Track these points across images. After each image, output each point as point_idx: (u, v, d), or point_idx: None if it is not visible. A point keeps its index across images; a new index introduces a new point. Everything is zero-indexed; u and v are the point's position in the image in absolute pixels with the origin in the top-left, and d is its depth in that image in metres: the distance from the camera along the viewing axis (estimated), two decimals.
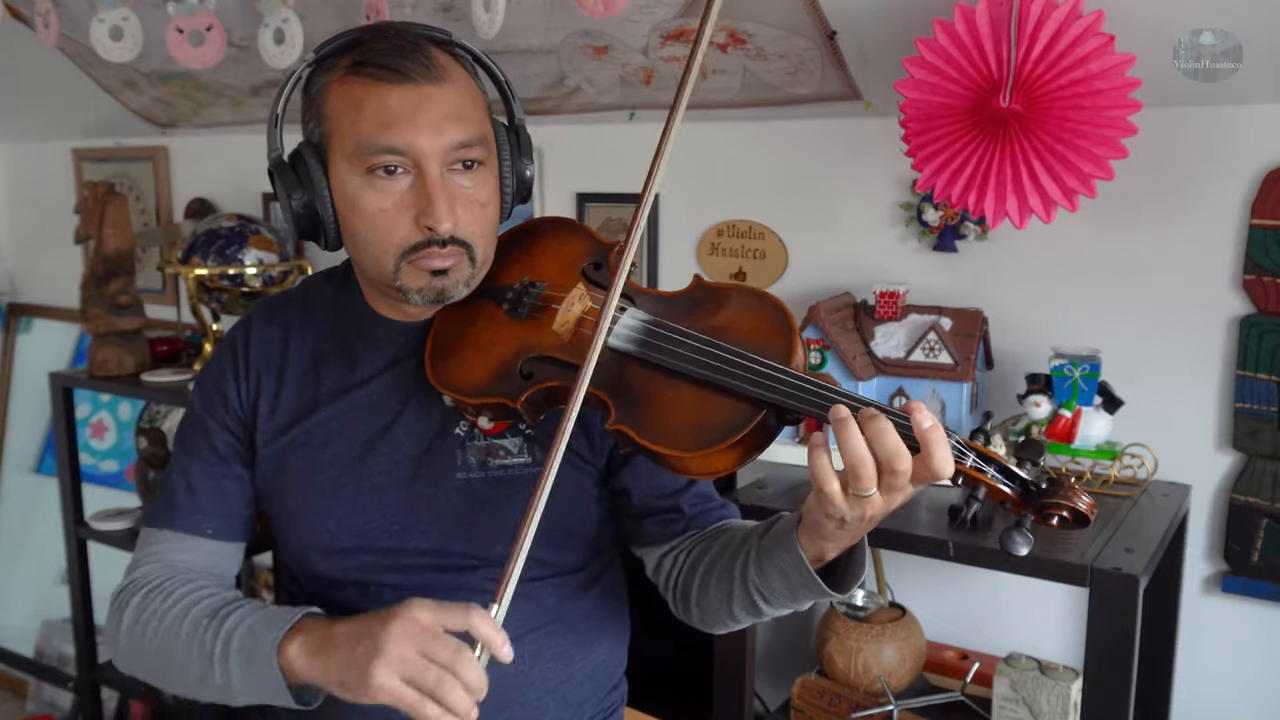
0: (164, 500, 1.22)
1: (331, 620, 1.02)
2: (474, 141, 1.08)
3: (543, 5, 1.83)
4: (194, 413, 1.23)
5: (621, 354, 1.02)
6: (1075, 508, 0.87)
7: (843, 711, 1.71)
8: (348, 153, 1.07)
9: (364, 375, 1.18)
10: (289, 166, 1.11)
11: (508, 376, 1.07)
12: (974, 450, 0.89)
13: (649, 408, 0.99)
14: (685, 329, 1.01)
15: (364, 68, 1.06)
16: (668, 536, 1.19)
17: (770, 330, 1.00)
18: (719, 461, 0.96)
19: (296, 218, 1.11)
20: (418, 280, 1.09)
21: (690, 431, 0.96)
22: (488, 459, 1.15)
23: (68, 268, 3.08)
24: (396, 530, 1.15)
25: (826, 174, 1.95)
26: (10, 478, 3.42)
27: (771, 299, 1.03)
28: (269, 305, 1.26)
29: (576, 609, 1.21)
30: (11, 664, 3.31)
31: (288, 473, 1.18)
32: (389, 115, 1.04)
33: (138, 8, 2.04)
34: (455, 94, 1.08)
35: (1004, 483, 0.89)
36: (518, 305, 1.11)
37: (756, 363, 0.95)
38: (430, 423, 1.16)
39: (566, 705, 1.21)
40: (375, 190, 1.06)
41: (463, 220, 1.08)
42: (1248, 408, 1.63)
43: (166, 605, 1.11)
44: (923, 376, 1.69)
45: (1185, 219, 1.65)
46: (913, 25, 1.57)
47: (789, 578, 1.01)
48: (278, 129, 1.12)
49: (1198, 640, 1.71)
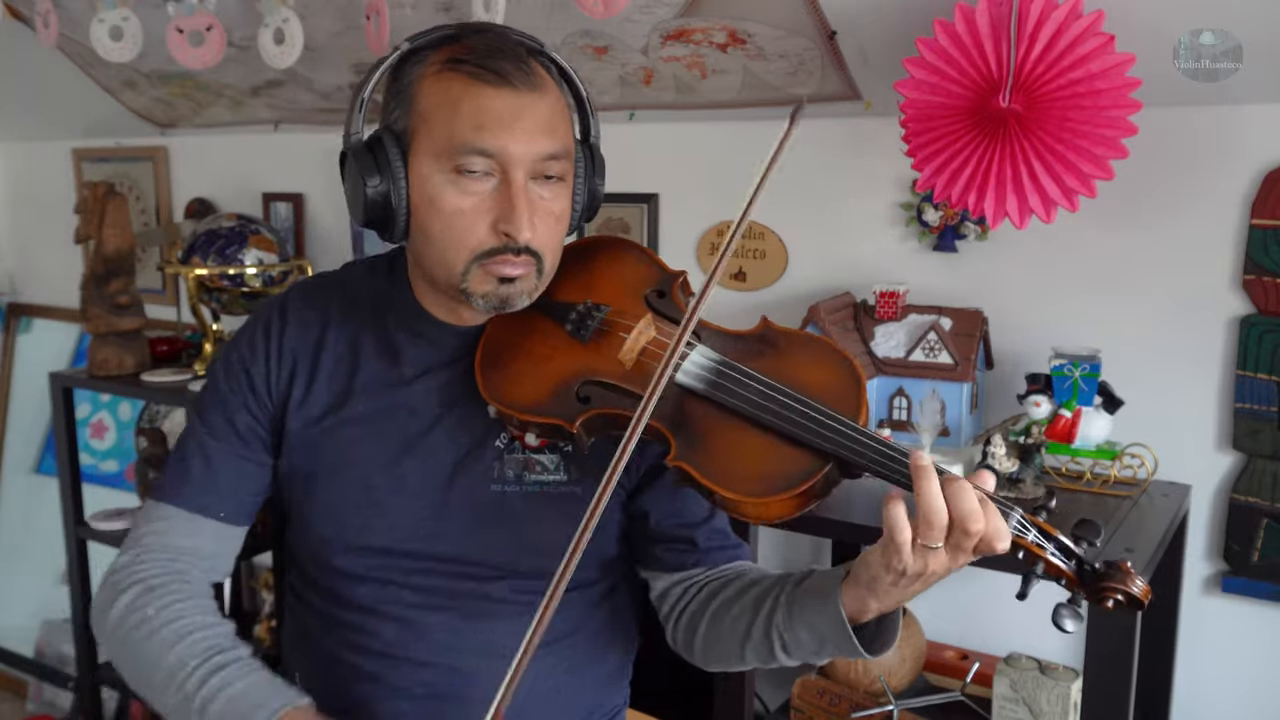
0: (178, 473, 1.18)
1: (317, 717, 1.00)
2: (560, 154, 1.07)
3: (543, 5, 1.83)
4: (218, 388, 1.20)
5: (686, 389, 1.01)
6: (1130, 592, 0.88)
7: (843, 711, 1.71)
8: (436, 148, 1.05)
9: (407, 375, 1.16)
10: (368, 151, 1.08)
11: (563, 398, 1.05)
12: (1035, 526, 0.91)
13: (709, 447, 0.98)
14: (755, 373, 1.00)
15: (465, 65, 1.05)
16: (678, 566, 1.18)
17: (840, 383, 1.00)
18: (777, 509, 0.96)
19: (369, 205, 1.08)
20: (485, 285, 1.08)
21: (752, 477, 0.96)
22: (524, 473, 1.14)
23: (68, 268, 3.08)
24: (424, 535, 1.14)
25: (826, 174, 1.94)
26: (10, 478, 3.42)
27: (843, 353, 1.03)
28: (306, 288, 1.23)
29: (591, 622, 1.21)
30: (11, 664, 3.31)
31: (318, 463, 1.16)
32: (486, 117, 1.03)
33: (138, 8, 2.04)
34: (549, 105, 1.07)
35: (1061, 560, 0.91)
36: (581, 327, 1.10)
37: (827, 414, 0.95)
38: (471, 431, 1.14)
39: (571, 712, 1.21)
40: (458, 189, 1.05)
41: (539, 231, 1.07)
42: (1248, 408, 1.63)
43: (157, 623, 1.08)
44: (923, 376, 1.69)
45: (1185, 219, 1.65)
46: (913, 25, 1.57)
47: (818, 631, 1.00)
48: (360, 113, 1.10)
49: (1198, 640, 1.71)
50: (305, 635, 1.23)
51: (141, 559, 1.15)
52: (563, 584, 0.90)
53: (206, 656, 1.05)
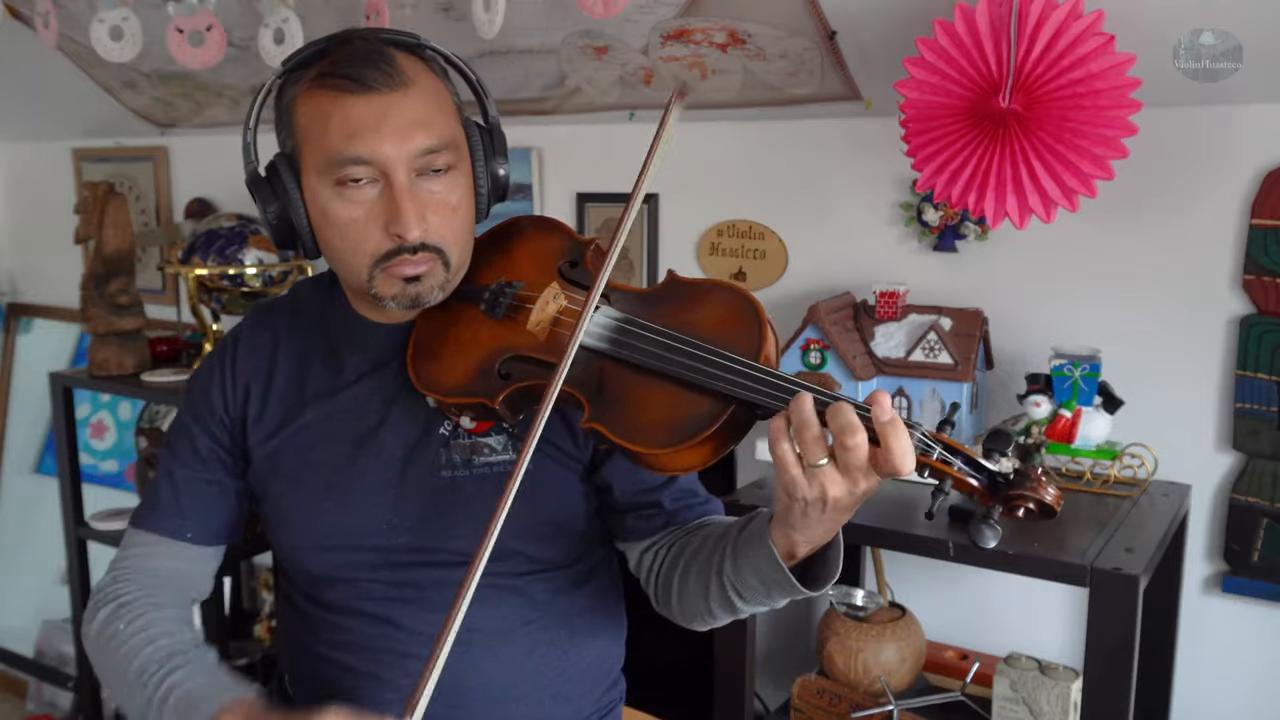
0: (149, 500, 1.24)
1: (263, 711, 1.02)
2: (441, 147, 1.09)
3: (543, 5, 1.83)
4: (182, 417, 1.26)
5: (595, 352, 1.03)
6: (1041, 499, 0.87)
7: (843, 711, 1.71)
8: (317, 165, 1.08)
9: (349, 378, 1.20)
10: (264, 180, 1.13)
11: (487, 376, 1.07)
12: (940, 443, 0.89)
13: (622, 405, 0.99)
14: (654, 325, 1.01)
15: (328, 79, 1.07)
16: (649, 531, 1.20)
17: (739, 324, 1.00)
18: (691, 457, 0.96)
19: (274, 229, 1.14)
20: (391, 287, 1.10)
21: (661, 428, 0.96)
22: (472, 457, 1.16)
23: (68, 268, 3.08)
24: (385, 529, 1.16)
25: (826, 174, 1.94)
26: (10, 478, 3.42)
27: (741, 291, 1.03)
28: (259, 312, 1.29)
29: (569, 605, 1.22)
30: (11, 664, 3.31)
31: (278, 474, 1.20)
32: (353, 126, 1.05)
33: (138, 8, 2.04)
34: (420, 100, 1.08)
35: (970, 474, 0.89)
36: (494, 306, 1.12)
37: (723, 357, 0.95)
38: (415, 423, 1.17)
39: (563, 702, 1.21)
40: (345, 200, 1.08)
41: (433, 226, 1.09)
42: (1248, 408, 1.63)
43: (126, 635, 1.12)
44: (923, 376, 1.69)
45: (1185, 219, 1.65)
46: (913, 25, 1.57)
47: (762, 573, 1.01)
48: (253, 143, 1.15)
49: (1198, 640, 1.71)
50: (294, 636, 1.27)
51: (119, 580, 1.20)
52: (485, 550, 0.92)
53: (166, 658, 1.09)
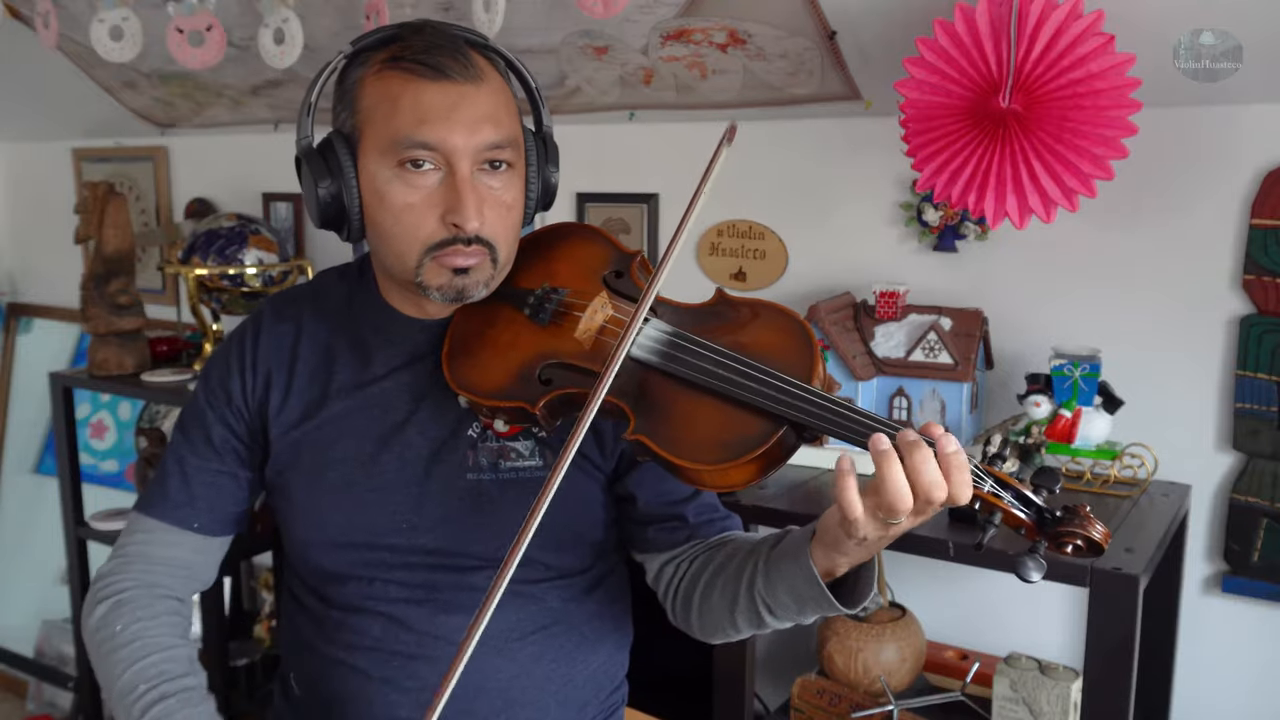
0: (157, 486, 1.23)
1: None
2: (505, 144, 1.08)
3: (543, 5, 1.83)
4: (197, 403, 1.24)
5: (642, 364, 1.02)
6: (1090, 536, 0.87)
7: (843, 711, 1.71)
8: (380, 145, 1.07)
9: (378, 372, 1.18)
10: (318, 154, 1.10)
11: (527, 381, 1.06)
12: (992, 476, 0.90)
13: (668, 419, 0.99)
14: (708, 342, 1.01)
15: (402, 62, 1.06)
16: (671, 544, 1.19)
17: (792, 347, 1.00)
18: (736, 476, 0.96)
19: (322, 206, 1.10)
20: (439, 277, 1.09)
21: (709, 445, 0.96)
22: (499, 461, 1.15)
23: (68, 268, 3.08)
24: (405, 528, 1.15)
25: (826, 174, 1.94)
26: (10, 478, 3.42)
27: (794, 316, 1.03)
28: (280, 300, 1.26)
29: (579, 611, 1.21)
30: (11, 664, 3.31)
31: (298, 466, 1.19)
32: (425, 111, 1.05)
33: (138, 8, 2.04)
34: (490, 96, 1.08)
35: (1020, 509, 0.89)
36: (539, 311, 1.11)
37: (778, 379, 0.95)
38: (444, 422, 1.16)
39: (567, 706, 1.21)
40: (404, 184, 1.06)
41: (489, 220, 1.08)
42: (1248, 408, 1.63)
43: (120, 640, 1.13)
44: (923, 376, 1.69)
45: (1185, 219, 1.65)
46: (913, 25, 1.57)
47: (797, 590, 1.01)
48: (309, 117, 1.12)
49: (1198, 640, 1.71)
50: (300, 635, 1.25)
51: (121, 569, 1.20)
52: (516, 556, 0.92)
53: (154, 684, 1.10)
